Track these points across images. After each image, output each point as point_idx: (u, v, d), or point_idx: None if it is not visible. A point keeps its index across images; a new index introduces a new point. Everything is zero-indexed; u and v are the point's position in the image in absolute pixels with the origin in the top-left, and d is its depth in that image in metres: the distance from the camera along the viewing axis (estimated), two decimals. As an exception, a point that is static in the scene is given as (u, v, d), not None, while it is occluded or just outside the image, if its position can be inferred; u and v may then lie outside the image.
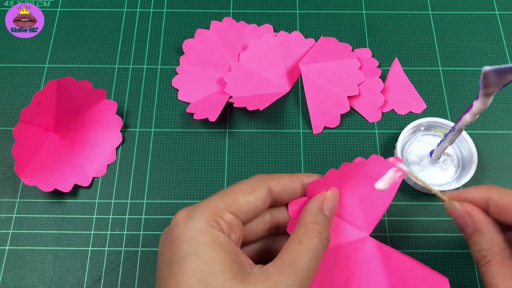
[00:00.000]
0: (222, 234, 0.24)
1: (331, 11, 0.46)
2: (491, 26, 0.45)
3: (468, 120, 0.29)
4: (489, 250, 0.26)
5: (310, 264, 0.24)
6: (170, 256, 0.24)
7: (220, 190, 0.27)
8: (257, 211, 0.27)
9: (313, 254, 0.24)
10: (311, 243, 0.24)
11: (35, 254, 0.36)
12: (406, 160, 0.38)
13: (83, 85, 0.38)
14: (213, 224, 0.24)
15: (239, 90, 0.40)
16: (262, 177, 0.27)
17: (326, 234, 0.25)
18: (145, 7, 0.46)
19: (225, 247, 0.23)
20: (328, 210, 0.27)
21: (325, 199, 0.27)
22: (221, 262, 0.23)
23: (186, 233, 0.24)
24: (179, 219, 0.25)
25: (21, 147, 0.34)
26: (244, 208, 0.26)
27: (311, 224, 0.25)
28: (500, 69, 0.23)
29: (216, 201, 0.25)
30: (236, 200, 0.26)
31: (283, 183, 0.28)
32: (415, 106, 0.41)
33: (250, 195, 0.26)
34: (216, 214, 0.25)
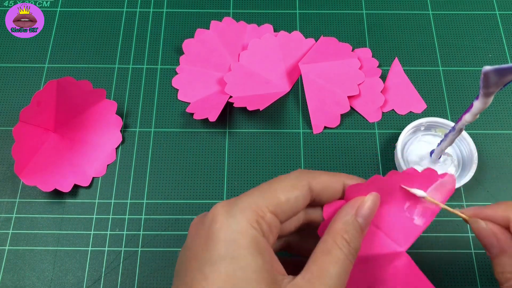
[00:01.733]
0: (263, 238, 0.23)
1: (331, 11, 0.46)
2: (491, 26, 0.45)
3: (468, 120, 0.29)
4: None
5: (340, 275, 0.22)
6: (203, 253, 0.22)
7: (259, 185, 0.25)
8: (296, 210, 0.25)
9: (342, 264, 0.23)
10: (340, 253, 0.23)
11: (35, 254, 0.36)
12: (406, 160, 0.38)
13: (83, 85, 0.38)
14: (254, 225, 0.22)
15: (239, 90, 0.40)
16: (302, 174, 0.26)
17: (355, 244, 0.24)
18: (145, 7, 0.46)
19: (263, 253, 0.22)
20: (362, 217, 0.25)
21: (361, 205, 0.25)
22: (258, 270, 0.21)
23: (226, 232, 0.22)
24: (218, 214, 0.23)
25: (21, 147, 0.34)
26: (284, 207, 0.24)
27: (341, 232, 0.24)
28: (500, 69, 0.23)
29: (255, 198, 0.24)
30: (277, 198, 0.24)
31: (324, 183, 0.26)
32: (415, 106, 0.41)
33: (290, 193, 0.24)
34: (258, 213, 0.23)
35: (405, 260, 0.26)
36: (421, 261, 0.35)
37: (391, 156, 0.39)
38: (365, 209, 0.25)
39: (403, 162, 0.37)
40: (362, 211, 0.25)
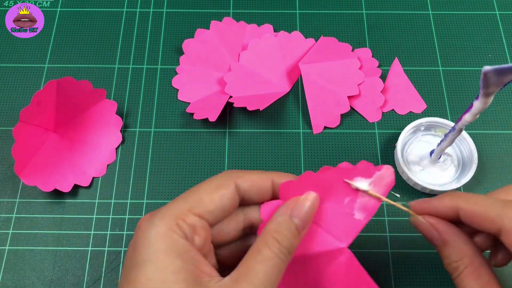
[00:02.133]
0: (182, 240, 0.23)
1: (331, 11, 0.46)
2: (491, 26, 0.45)
3: (468, 120, 0.29)
4: (459, 262, 0.25)
5: (266, 275, 0.22)
6: (129, 261, 0.23)
7: (185, 191, 0.26)
8: (225, 210, 0.25)
9: (271, 264, 0.23)
10: (269, 252, 0.23)
11: (35, 254, 0.36)
12: (406, 160, 0.38)
13: (83, 85, 0.38)
14: (173, 228, 0.23)
15: (239, 90, 0.40)
16: (229, 174, 0.26)
17: (287, 243, 0.24)
18: (145, 7, 0.46)
19: (183, 255, 0.22)
20: (298, 217, 0.25)
21: (297, 205, 0.25)
22: (176, 271, 0.22)
23: (146, 238, 0.23)
24: (140, 223, 0.24)
25: (21, 147, 0.34)
26: (209, 207, 0.25)
27: (272, 232, 0.24)
28: (500, 68, 0.23)
29: (178, 203, 0.24)
30: (200, 200, 0.24)
31: (251, 180, 0.26)
32: (415, 106, 0.41)
33: (214, 193, 0.25)
34: (178, 217, 0.23)
35: (347, 256, 0.26)
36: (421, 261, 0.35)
37: (391, 156, 0.39)
38: (300, 208, 0.25)
39: (403, 162, 0.37)
40: (298, 212, 0.25)
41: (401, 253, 0.35)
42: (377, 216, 0.37)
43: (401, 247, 0.36)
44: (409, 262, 0.35)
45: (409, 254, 0.35)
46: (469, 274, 0.24)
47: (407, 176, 0.37)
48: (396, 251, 0.35)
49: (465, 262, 0.25)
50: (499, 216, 0.23)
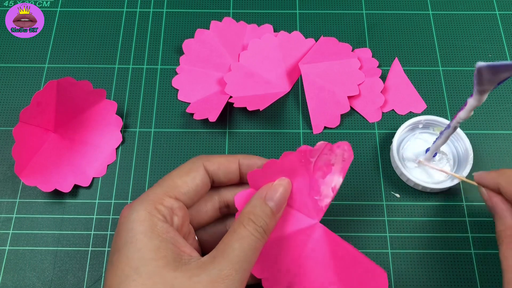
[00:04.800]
0: (161, 222, 0.25)
1: (331, 11, 0.46)
2: (491, 26, 0.45)
3: (462, 117, 0.29)
4: (502, 232, 0.28)
5: (243, 251, 0.24)
6: (113, 246, 0.25)
7: (160, 179, 0.28)
8: (198, 190, 0.28)
9: (247, 241, 0.25)
10: (245, 231, 0.25)
11: (35, 255, 0.36)
12: (401, 156, 0.38)
13: (83, 85, 0.38)
14: (152, 212, 0.25)
15: (239, 90, 0.40)
16: (197, 158, 0.29)
17: (262, 223, 0.26)
18: (145, 7, 0.46)
19: (162, 235, 0.24)
20: (272, 200, 0.27)
21: (270, 190, 0.27)
22: (155, 249, 0.23)
23: (126, 224, 0.25)
24: (122, 212, 0.26)
25: (21, 147, 0.34)
26: (183, 189, 0.27)
27: (247, 214, 0.26)
28: (494, 65, 0.22)
29: (155, 189, 0.27)
30: (174, 184, 0.27)
31: (219, 163, 0.29)
32: (415, 106, 0.41)
33: (186, 176, 0.27)
34: (156, 201, 0.26)
35: (320, 231, 0.29)
36: (421, 261, 0.35)
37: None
38: (272, 192, 0.27)
39: (397, 158, 0.37)
40: (271, 196, 0.27)
41: (401, 253, 0.35)
42: (377, 216, 0.37)
43: (401, 247, 0.36)
44: (409, 262, 0.35)
45: (409, 254, 0.35)
46: (507, 243, 0.28)
47: (400, 171, 0.37)
48: (396, 251, 0.36)
49: (506, 233, 0.28)
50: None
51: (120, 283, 0.23)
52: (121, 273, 0.23)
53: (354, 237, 0.36)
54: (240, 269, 0.24)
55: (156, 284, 0.22)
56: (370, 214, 0.37)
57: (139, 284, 0.22)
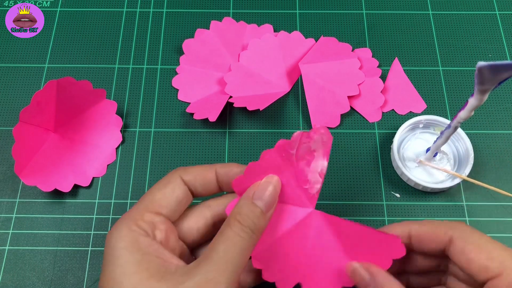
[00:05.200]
0: (142, 237, 0.25)
1: (331, 11, 0.46)
2: (491, 26, 0.45)
3: (463, 117, 0.29)
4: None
5: (228, 252, 0.24)
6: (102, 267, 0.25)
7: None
8: (179, 201, 0.27)
9: (232, 242, 0.24)
10: (230, 231, 0.24)
11: (35, 254, 0.36)
12: (402, 156, 0.38)
13: (83, 85, 0.38)
14: (132, 228, 0.25)
15: (239, 90, 0.40)
16: (174, 171, 0.29)
17: (248, 222, 0.25)
18: (145, 7, 0.46)
19: (144, 249, 0.24)
20: (260, 199, 0.26)
21: (257, 189, 0.26)
22: (136, 263, 0.23)
23: (110, 242, 0.25)
24: (108, 234, 0.26)
25: (21, 147, 0.34)
26: (163, 202, 0.27)
27: (234, 215, 0.25)
28: (495, 65, 0.22)
29: (136, 206, 0.27)
30: (153, 198, 0.27)
31: (195, 173, 0.28)
32: (415, 106, 0.41)
33: (164, 188, 0.27)
34: (136, 218, 0.26)
35: (318, 217, 0.28)
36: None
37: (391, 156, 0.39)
38: (259, 191, 0.26)
39: (398, 157, 0.37)
40: (259, 195, 0.26)
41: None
42: (377, 216, 0.37)
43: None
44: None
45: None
46: None
47: (401, 171, 0.37)
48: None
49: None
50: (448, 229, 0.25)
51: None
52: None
53: None
54: (226, 271, 0.23)
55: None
56: (370, 214, 0.37)
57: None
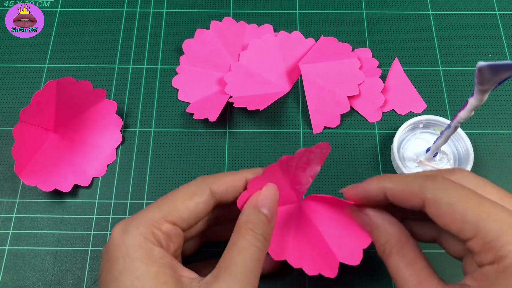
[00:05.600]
0: (158, 248, 0.24)
1: (331, 11, 0.46)
2: (491, 26, 0.45)
3: (463, 117, 0.29)
4: (387, 243, 0.26)
5: (246, 263, 0.23)
6: (106, 273, 0.23)
7: (159, 198, 0.26)
8: (199, 216, 0.26)
9: (249, 252, 0.24)
10: (244, 241, 0.24)
11: (35, 254, 0.36)
12: (402, 156, 0.38)
13: (83, 85, 0.38)
14: (148, 237, 0.24)
15: (239, 90, 0.40)
16: (203, 180, 0.27)
17: (261, 230, 0.25)
18: (145, 7, 0.46)
19: (159, 261, 0.23)
20: (264, 207, 0.26)
21: (260, 197, 0.26)
22: (154, 277, 0.22)
23: (121, 249, 0.23)
24: (115, 234, 0.24)
25: (21, 147, 0.34)
26: (184, 215, 0.25)
27: (244, 223, 0.25)
28: (495, 65, 0.22)
29: (152, 212, 0.25)
30: (175, 208, 0.25)
31: (226, 184, 0.27)
32: (415, 106, 0.41)
33: (189, 200, 0.25)
34: (153, 225, 0.24)
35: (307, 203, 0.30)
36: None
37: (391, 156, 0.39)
38: (262, 199, 0.26)
39: (397, 157, 0.37)
40: (261, 202, 0.26)
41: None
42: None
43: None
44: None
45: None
46: (395, 253, 0.25)
47: (401, 171, 0.37)
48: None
49: (391, 242, 0.25)
50: (421, 189, 0.23)
51: None
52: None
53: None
54: (247, 284, 0.23)
55: None
56: (370, 214, 0.37)
57: None
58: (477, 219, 0.21)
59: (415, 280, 0.23)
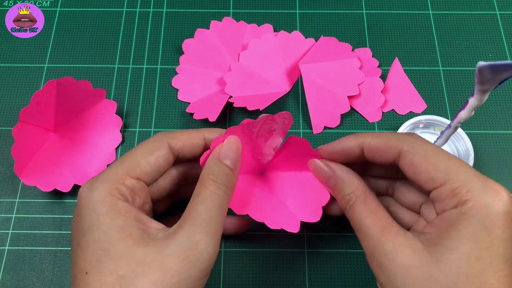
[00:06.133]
0: (122, 202, 0.25)
1: (331, 11, 0.46)
2: (492, 26, 0.45)
3: (463, 117, 0.29)
4: (352, 194, 0.27)
5: (208, 211, 0.24)
6: (76, 228, 0.25)
7: (122, 155, 0.27)
8: (160, 170, 0.27)
9: (211, 201, 0.24)
10: (206, 191, 0.25)
11: (35, 254, 0.35)
12: None
13: (82, 85, 0.38)
14: (113, 192, 0.25)
15: (239, 90, 0.40)
16: (162, 136, 0.28)
17: (222, 179, 0.26)
18: (145, 7, 0.46)
19: (124, 215, 0.24)
20: (227, 158, 0.27)
21: (222, 149, 0.27)
22: (119, 230, 0.23)
23: (88, 205, 0.24)
24: (81, 192, 0.25)
25: (21, 147, 0.34)
26: (146, 170, 0.26)
27: (206, 175, 0.26)
28: (495, 65, 0.22)
29: (116, 169, 0.26)
30: (137, 163, 0.26)
31: (184, 140, 0.28)
32: (416, 106, 0.41)
33: (150, 155, 0.27)
34: (117, 181, 0.25)
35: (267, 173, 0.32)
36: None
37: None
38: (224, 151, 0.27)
39: None
40: (223, 153, 0.27)
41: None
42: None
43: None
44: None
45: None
46: (360, 202, 0.27)
47: None
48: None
49: (356, 193, 0.27)
50: (399, 143, 0.26)
51: (92, 266, 0.23)
52: (92, 256, 0.23)
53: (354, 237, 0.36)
54: (210, 231, 0.23)
55: (128, 264, 0.22)
56: (370, 214, 0.37)
57: (111, 264, 0.22)
58: (448, 169, 0.24)
59: (379, 226, 0.25)
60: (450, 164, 0.24)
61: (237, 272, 0.35)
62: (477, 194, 0.23)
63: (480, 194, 0.23)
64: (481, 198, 0.22)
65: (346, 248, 0.35)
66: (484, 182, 0.23)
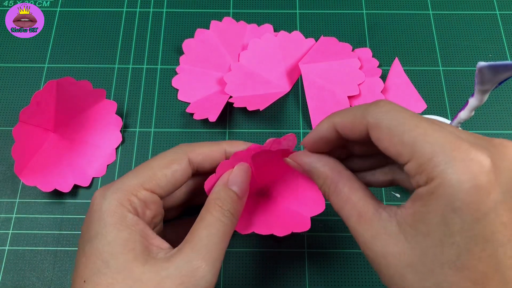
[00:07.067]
0: (131, 215, 0.24)
1: (331, 11, 0.46)
2: (492, 26, 0.45)
3: (463, 117, 0.29)
4: (324, 185, 0.25)
5: (210, 237, 0.24)
6: (84, 234, 0.25)
7: (139, 165, 0.27)
8: (177, 184, 0.27)
9: (215, 227, 0.24)
10: (211, 217, 0.24)
11: (35, 255, 0.36)
12: None
13: (82, 85, 0.38)
14: (124, 203, 0.24)
15: (239, 90, 0.40)
16: (181, 148, 0.27)
17: (228, 206, 0.25)
18: (145, 7, 0.46)
19: (131, 228, 0.24)
20: (235, 185, 0.26)
21: (231, 175, 0.27)
22: (123, 243, 0.23)
23: (98, 213, 0.24)
24: (94, 198, 0.25)
25: (21, 147, 0.34)
26: (162, 183, 0.26)
27: (212, 200, 0.25)
28: (495, 65, 0.22)
29: (131, 179, 0.25)
30: (153, 175, 0.26)
31: (204, 153, 0.28)
32: (415, 106, 0.41)
33: (167, 168, 0.26)
34: (130, 192, 0.25)
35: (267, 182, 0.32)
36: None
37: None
38: (233, 177, 0.27)
39: None
40: (232, 180, 0.27)
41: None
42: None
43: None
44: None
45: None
46: (332, 194, 0.24)
47: None
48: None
49: (327, 183, 0.25)
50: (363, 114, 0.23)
51: (91, 275, 0.23)
52: (93, 266, 0.23)
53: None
54: (210, 259, 0.23)
55: (125, 279, 0.22)
56: (370, 214, 0.37)
57: (109, 277, 0.22)
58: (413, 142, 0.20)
59: (355, 215, 0.23)
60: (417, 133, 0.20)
61: (237, 272, 0.35)
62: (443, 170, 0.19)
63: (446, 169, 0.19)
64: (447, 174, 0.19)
65: (346, 248, 0.35)
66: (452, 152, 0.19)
